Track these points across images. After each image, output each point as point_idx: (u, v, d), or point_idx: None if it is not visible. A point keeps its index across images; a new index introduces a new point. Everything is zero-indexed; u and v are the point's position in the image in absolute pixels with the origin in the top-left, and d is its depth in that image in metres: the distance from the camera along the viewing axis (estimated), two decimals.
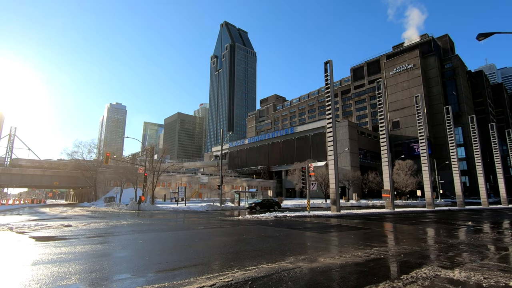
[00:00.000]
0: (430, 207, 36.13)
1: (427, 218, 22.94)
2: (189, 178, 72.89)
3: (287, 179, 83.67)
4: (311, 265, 6.67)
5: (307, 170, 25.62)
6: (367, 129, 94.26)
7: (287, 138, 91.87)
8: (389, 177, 31.53)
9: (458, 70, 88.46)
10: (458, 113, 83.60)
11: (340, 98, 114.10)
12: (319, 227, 15.82)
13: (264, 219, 20.15)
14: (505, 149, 79.24)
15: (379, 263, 7.02)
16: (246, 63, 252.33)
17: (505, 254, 8.83)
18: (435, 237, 12.34)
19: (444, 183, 72.08)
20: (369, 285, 5.18)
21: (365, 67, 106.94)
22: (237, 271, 6.11)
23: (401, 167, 60.36)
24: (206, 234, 12.89)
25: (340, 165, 67.31)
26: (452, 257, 7.92)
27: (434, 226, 17.12)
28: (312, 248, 9.07)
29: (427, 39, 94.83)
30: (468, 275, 5.84)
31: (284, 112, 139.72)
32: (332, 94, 28.66)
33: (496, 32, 15.63)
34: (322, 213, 25.79)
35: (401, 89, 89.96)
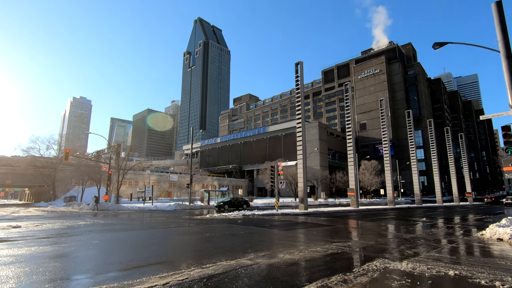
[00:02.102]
0: (391, 205, 38.28)
1: (387, 215, 24.24)
2: (158, 177, 70.65)
3: (258, 178, 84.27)
4: (269, 261, 6.71)
5: (276, 169, 25.92)
6: (336, 130, 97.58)
7: (259, 137, 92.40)
8: (354, 177, 32.87)
9: (419, 77, 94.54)
10: (418, 117, 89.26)
11: (312, 99, 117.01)
12: (285, 224, 16.05)
13: (232, 217, 20.05)
14: (458, 151, 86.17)
15: (335, 258, 7.25)
16: (220, 61, 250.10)
17: (450, 247, 9.56)
18: (391, 232, 13.04)
19: (405, 182, 76.65)
20: (321, 279, 5.31)
21: (335, 70, 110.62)
22: (194, 269, 5.98)
23: (366, 167, 63.23)
24: (169, 233, 12.53)
25: (309, 165, 69.04)
26: (403, 250, 8.41)
27: (392, 222, 18.11)
28: (274, 245, 9.15)
29: (393, 47, 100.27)
30: (414, 266, 6.21)
31: (257, 111, 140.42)
32: (302, 94, 29.23)
33: (449, 42, 16.87)
34: (290, 211, 26.24)
35: (368, 92, 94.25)
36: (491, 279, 5.29)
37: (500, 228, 11.42)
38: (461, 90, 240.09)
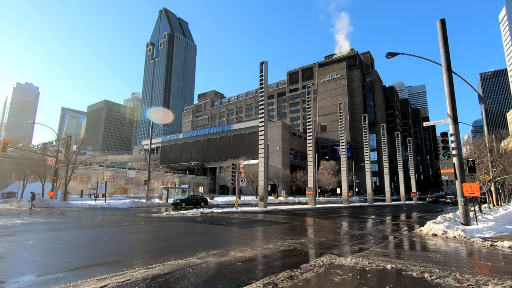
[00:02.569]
0: (346, 203, 40.43)
1: (341, 213, 25.54)
2: (113, 173, 66.56)
3: (221, 176, 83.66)
4: (220, 260, 6.62)
5: (237, 167, 25.87)
6: (299, 130, 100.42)
7: (223, 135, 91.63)
8: (313, 176, 34.10)
9: (376, 84, 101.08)
10: (373, 122, 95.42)
11: (276, 99, 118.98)
12: (243, 222, 16.08)
13: (190, 215, 19.59)
14: (406, 154, 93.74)
15: (286, 254, 7.40)
16: (186, 55, 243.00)
17: (391, 242, 10.31)
18: (342, 229, 13.72)
19: (360, 182, 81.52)
20: (269, 276, 5.36)
21: (300, 72, 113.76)
22: (138, 270, 5.67)
23: (325, 167, 66.02)
24: (119, 232, 11.82)
25: (272, 164, 70.20)
26: (350, 246, 8.87)
27: (345, 220, 19.11)
28: (228, 243, 9.08)
29: (353, 54, 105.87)
30: (357, 261, 6.57)
31: (221, 108, 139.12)
32: (266, 93, 29.53)
33: (400, 53, 18.17)
34: (250, 209, 26.40)
35: (330, 96, 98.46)
36: (421, 271, 5.77)
37: (435, 224, 12.61)
38: (411, 99, 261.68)
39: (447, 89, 15.60)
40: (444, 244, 9.81)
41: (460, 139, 15.61)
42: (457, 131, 15.02)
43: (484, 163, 25.90)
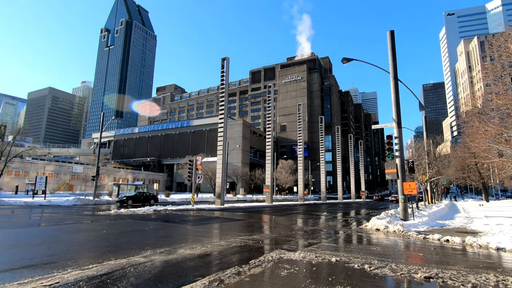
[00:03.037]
0: (301, 201, 41.90)
1: (296, 210, 26.35)
2: (57, 167, 60.64)
3: (178, 173, 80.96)
4: (166, 258, 6.31)
5: (194, 163, 25.23)
6: (259, 129, 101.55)
7: (182, 130, 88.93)
8: (270, 174, 34.67)
9: (333, 88, 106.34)
10: (329, 124, 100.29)
11: (238, 97, 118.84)
12: (197, 220, 15.69)
13: (141, 213, 18.57)
14: (358, 156, 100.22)
15: (237, 251, 7.33)
16: (144, 45, 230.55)
17: (338, 236, 10.85)
18: (294, 225, 14.10)
19: (315, 181, 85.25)
20: (216, 272, 5.23)
21: (262, 72, 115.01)
22: (71, 271, 5.13)
23: (283, 166, 67.68)
24: (55, 231, 10.70)
25: (231, 161, 69.98)
26: (300, 241, 9.12)
27: (298, 216, 19.72)
28: (178, 241, 8.73)
29: (313, 58, 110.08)
30: (305, 255, 6.75)
31: (181, 103, 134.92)
32: (227, 90, 29.25)
33: (354, 59, 19.21)
34: (206, 206, 25.95)
35: (290, 97, 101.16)
36: (362, 263, 6.11)
37: (378, 220, 13.59)
38: (364, 104, 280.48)
39: (393, 95, 16.88)
40: (385, 238, 10.59)
41: (402, 142, 17.02)
42: (401, 134, 16.36)
43: (422, 164, 28.72)
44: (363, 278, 5.12)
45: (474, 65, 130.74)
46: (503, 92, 20.51)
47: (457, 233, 11.17)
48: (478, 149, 23.82)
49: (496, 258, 7.30)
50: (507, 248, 8.39)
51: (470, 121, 28.21)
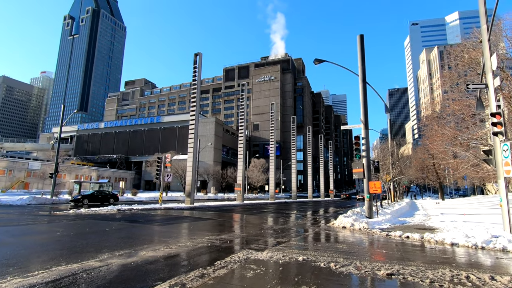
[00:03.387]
0: (272, 200, 42.24)
1: (267, 208, 26.44)
2: (10, 163, 55.63)
3: (147, 171, 78.06)
4: (125, 261, 5.89)
5: (163, 161, 24.34)
6: (232, 128, 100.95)
7: (152, 127, 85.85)
8: (242, 173, 34.51)
9: (305, 89, 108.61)
10: (301, 124, 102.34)
11: (211, 95, 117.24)
12: (164, 219, 15.10)
13: (104, 213, 17.51)
14: (327, 156, 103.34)
15: (202, 251, 7.06)
16: (113, 36, 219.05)
17: (306, 235, 10.95)
18: (264, 224, 14.04)
19: (287, 180, 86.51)
20: (178, 275, 4.95)
21: (236, 70, 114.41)
22: (11, 280, 4.57)
23: (255, 165, 67.89)
24: (1, 234, 9.66)
25: (203, 160, 68.81)
26: (269, 240, 9.05)
27: (269, 215, 19.76)
28: (140, 242, 8.25)
29: (287, 58, 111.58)
30: (272, 254, 6.66)
31: (152, 99, 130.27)
32: (199, 86, 28.60)
33: (326, 61, 19.60)
34: (175, 205, 25.18)
35: (263, 96, 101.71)
36: (328, 261, 6.15)
37: (345, 218, 13.97)
38: (334, 106, 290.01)
39: (361, 97, 17.43)
40: (351, 236, 10.87)
41: (369, 142, 17.66)
42: (367, 135, 16.96)
43: (386, 165, 30.22)
44: (329, 277, 5.12)
45: (434, 72, 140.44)
46: (459, 98, 22.11)
47: (417, 230, 11.78)
48: (436, 150, 25.53)
49: (450, 254, 7.74)
50: (460, 243, 8.97)
51: (429, 125, 30.20)
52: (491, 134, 10.69)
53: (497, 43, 20.81)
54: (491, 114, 10.57)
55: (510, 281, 4.88)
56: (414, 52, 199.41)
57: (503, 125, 10.21)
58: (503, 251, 8.13)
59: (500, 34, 21.76)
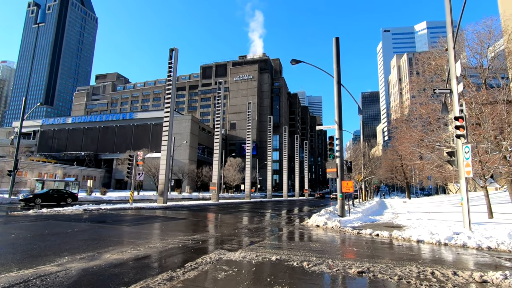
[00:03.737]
0: (248, 199, 42.18)
1: (242, 208, 26.31)
2: None
3: (118, 169, 75.01)
4: (87, 265, 5.48)
5: (135, 158, 23.38)
6: (209, 126, 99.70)
7: (124, 123, 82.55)
8: (217, 172, 34.10)
9: (282, 90, 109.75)
10: (278, 124, 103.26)
11: (188, 92, 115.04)
12: (134, 219, 14.46)
13: (68, 213, 16.45)
14: (303, 156, 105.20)
15: (173, 253, 6.78)
16: (83, 27, 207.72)
17: (280, 234, 10.95)
18: (238, 224, 13.90)
19: (262, 179, 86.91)
20: (145, 279, 4.66)
21: (214, 68, 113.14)
22: None
23: (231, 164, 67.52)
24: None
25: (178, 158, 67.28)
26: (242, 240, 8.91)
27: (244, 214, 19.64)
28: (106, 244, 7.77)
29: (265, 58, 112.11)
30: (245, 255, 6.53)
31: (125, 94, 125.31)
32: (174, 82, 27.83)
33: (302, 61, 19.82)
34: (147, 205, 24.31)
35: (241, 95, 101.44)
36: (301, 260, 6.13)
37: (318, 217, 14.18)
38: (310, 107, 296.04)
39: (336, 99, 17.81)
40: (324, 234, 11.03)
41: (343, 143, 18.09)
42: (341, 136, 17.36)
43: (358, 165, 31.25)
44: (301, 276, 5.09)
45: (403, 78, 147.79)
46: (426, 103, 23.31)
47: (386, 228, 12.21)
48: (404, 152, 26.78)
49: (417, 250, 8.06)
50: (425, 240, 9.39)
51: (399, 127, 31.67)
52: (454, 136, 11.33)
53: (460, 52, 22.21)
54: (455, 117, 11.19)
55: (471, 275, 5.13)
56: (386, 57, 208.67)
57: (465, 128, 10.84)
58: (463, 247, 8.61)
59: (463, 44, 23.25)
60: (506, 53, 21.79)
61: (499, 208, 19.69)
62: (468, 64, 22.09)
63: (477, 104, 18.04)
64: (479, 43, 21.21)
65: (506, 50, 21.80)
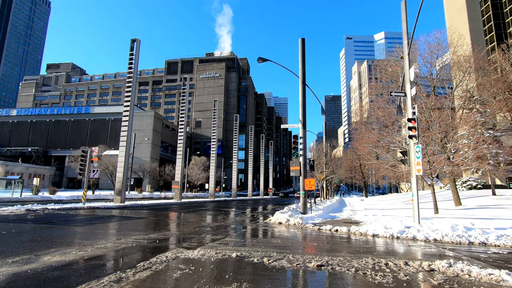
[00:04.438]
0: (212, 198, 41.52)
1: (206, 207, 25.74)
2: None
3: (71, 167, 69.40)
4: (20, 269, 4.81)
5: (89, 154, 21.68)
6: (173, 123, 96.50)
7: (79, 117, 76.69)
8: (180, 170, 33.05)
9: (249, 89, 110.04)
10: (244, 123, 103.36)
11: (151, 87, 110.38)
12: (86, 219, 13.33)
13: (6, 213, 14.67)
14: (268, 155, 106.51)
15: (125, 253, 6.27)
16: (33, 11, 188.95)
17: (242, 231, 10.81)
18: (200, 222, 13.49)
19: (228, 179, 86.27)
20: (87, 282, 4.19)
21: (180, 63, 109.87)
22: None
23: (196, 162, 66.05)
24: None
25: (139, 156, 64.18)
26: (203, 238, 8.59)
27: (207, 212, 19.19)
28: (47, 245, 6.97)
29: (232, 57, 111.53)
30: (204, 252, 6.25)
31: (81, 86, 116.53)
32: (135, 75, 26.37)
33: (269, 60, 19.89)
34: (102, 204, 22.69)
35: (207, 93, 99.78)
36: (262, 256, 6.02)
37: (281, 214, 14.30)
38: (276, 108, 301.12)
39: (301, 98, 18.13)
40: (286, 231, 11.10)
41: (306, 142, 18.46)
42: (305, 135, 17.71)
43: (321, 164, 32.33)
44: (261, 272, 4.96)
45: (364, 83, 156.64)
46: (383, 106, 24.79)
47: (345, 223, 12.66)
48: (363, 152, 28.26)
49: (372, 244, 8.41)
50: (380, 234, 9.87)
51: (359, 129, 33.42)
52: (407, 136, 12.09)
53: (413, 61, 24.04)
54: (408, 119, 11.93)
55: (420, 265, 5.41)
56: (348, 63, 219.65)
57: (417, 130, 11.62)
58: (413, 239, 9.19)
59: (416, 53, 25.20)
60: (451, 64, 23.99)
61: (443, 204, 21.58)
62: (419, 73, 23.97)
63: (427, 109, 19.58)
64: (429, 53, 23.08)
65: (452, 62, 24.01)
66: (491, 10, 60.36)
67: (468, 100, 22.85)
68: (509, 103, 25.43)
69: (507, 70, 27.82)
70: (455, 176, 23.20)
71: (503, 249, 7.89)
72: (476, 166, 21.91)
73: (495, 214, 16.30)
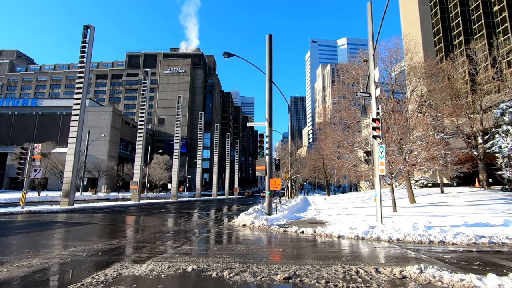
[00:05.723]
0: (174, 199, 39.68)
1: (167, 208, 24.24)
2: None
3: (13, 165, 62.12)
4: None
5: (30, 151, 19.12)
6: (134, 120, 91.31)
7: (25, 111, 69.14)
8: (140, 169, 30.99)
9: (215, 87, 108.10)
10: (210, 122, 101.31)
11: (110, 81, 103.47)
12: (18, 227, 11.48)
13: None
14: (234, 154, 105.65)
15: (52, 272, 5.14)
16: None
17: (203, 237, 9.97)
18: (158, 226, 12.33)
19: (192, 178, 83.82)
20: None
21: (142, 57, 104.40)
22: None
23: (158, 161, 63.00)
24: None
25: (95, 154, 59.59)
26: (156, 247, 7.61)
27: (167, 215, 17.90)
28: None
29: (199, 53, 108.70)
30: (154, 267, 5.34)
31: (27, 77, 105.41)
32: (88, 65, 24.01)
33: (235, 55, 19.16)
34: (46, 208, 20.22)
35: (171, 89, 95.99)
36: (222, 268, 5.29)
37: (246, 216, 13.67)
38: (243, 107, 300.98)
39: (267, 96, 17.66)
40: (251, 234, 10.48)
41: (272, 141, 18.06)
42: (271, 133, 17.29)
43: (286, 164, 32.37)
44: None
45: (327, 85, 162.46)
46: (347, 107, 25.37)
47: (310, 224, 12.40)
48: (327, 151, 28.74)
49: (339, 247, 8.11)
50: (346, 235, 9.68)
51: (323, 129, 34.09)
52: (371, 136, 12.16)
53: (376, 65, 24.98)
54: (373, 119, 11.98)
55: (391, 271, 5.10)
56: (313, 66, 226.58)
57: (380, 130, 11.70)
58: (378, 240, 9.11)
59: (377, 57, 26.18)
60: (407, 70, 25.30)
61: (399, 202, 22.58)
62: (380, 76, 24.93)
63: (387, 111, 20.29)
64: (389, 58, 24.06)
65: (408, 67, 25.32)
66: (441, 23, 65.88)
67: (422, 104, 24.26)
68: (456, 108, 27.62)
69: (454, 78, 30.23)
70: (410, 176, 24.53)
71: (460, 247, 8.07)
72: (428, 166, 23.25)
73: (446, 211, 17.31)
